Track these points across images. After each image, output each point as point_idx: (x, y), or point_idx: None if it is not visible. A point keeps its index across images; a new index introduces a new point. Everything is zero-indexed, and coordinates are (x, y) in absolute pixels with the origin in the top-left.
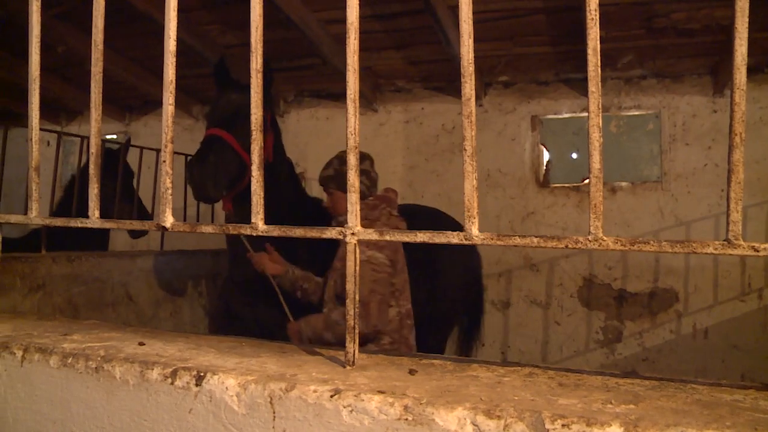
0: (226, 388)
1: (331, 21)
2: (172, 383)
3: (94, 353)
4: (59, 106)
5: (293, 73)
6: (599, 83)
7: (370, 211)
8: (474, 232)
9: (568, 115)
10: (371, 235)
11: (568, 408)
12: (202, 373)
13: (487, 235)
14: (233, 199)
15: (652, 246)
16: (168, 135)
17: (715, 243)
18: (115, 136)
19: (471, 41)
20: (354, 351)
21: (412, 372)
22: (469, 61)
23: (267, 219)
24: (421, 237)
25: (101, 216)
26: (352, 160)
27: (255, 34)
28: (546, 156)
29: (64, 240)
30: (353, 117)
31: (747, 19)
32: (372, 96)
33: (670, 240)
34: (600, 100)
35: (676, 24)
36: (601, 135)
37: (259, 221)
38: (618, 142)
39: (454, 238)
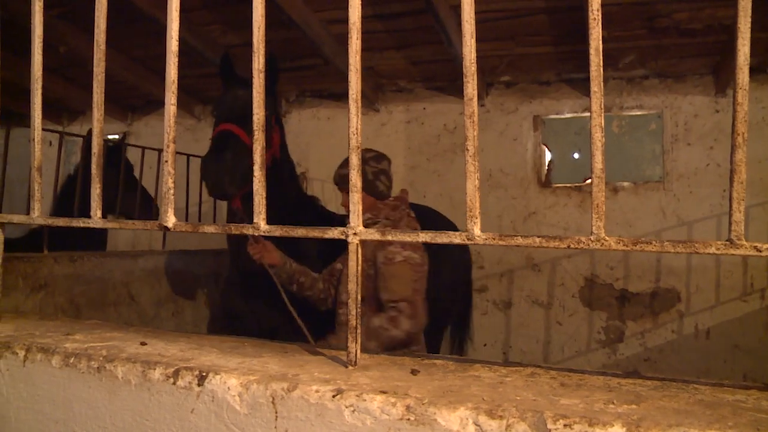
0: (228, 388)
1: (333, 21)
2: (174, 383)
3: (96, 353)
4: (61, 106)
5: (295, 73)
6: (601, 83)
7: (391, 212)
8: (476, 232)
9: (569, 115)
10: (373, 235)
11: (570, 408)
12: (204, 373)
13: (489, 235)
14: (242, 196)
15: (654, 246)
16: (170, 135)
17: (718, 243)
18: (117, 136)
19: (473, 41)
20: (356, 351)
21: (414, 372)
22: (472, 61)
23: (271, 217)
24: (423, 237)
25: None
26: (354, 160)
27: (257, 34)
28: (548, 156)
29: (62, 239)
30: (355, 117)
31: (749, 19)
32: (374, 96)
33: (672, 240)
34: (602, 100)
35: (678, 24)
36: (603, 135)
37: (261, 221)
38: (620, 142)
39: (456, 238)
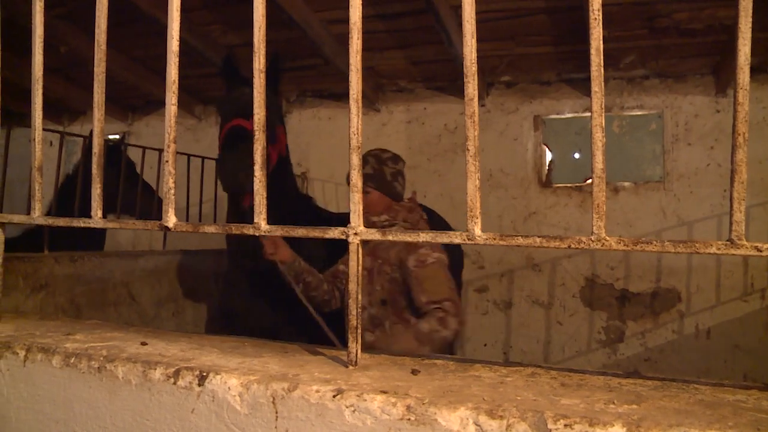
0: (229, 388)
1: (334, 21)
2: (175, 383)
3: (97, 353)
4: (62, 106)
5: (295, 73)
6: (602, 83)
7: (409, 214)
8: (477, 232)
9: (570, 115)
10: (374, 235)
11: (570, 408)
12: (204, 373)
13: (489, 235)
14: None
15: (655, 246)
16: (171, 135)
17: (718, 243)
18: (117, 136)
19: (474, 41)
20: (356, 351)
21: (414, 372)
22: (472, 61)
23: (276, 217)
24: (423, 237)
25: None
26: (355, 159)
27: (258, 35)
28: (548, 156)
29: (58, 238)
30: (356, 117)
31: (750, 19)
32: (374, 96)
33: (673, 240)
34: (603, 100)
35: (678, 24)
36: (604, 135)
37: (261, 221)
38: (620, 142)
39: (457, 238)
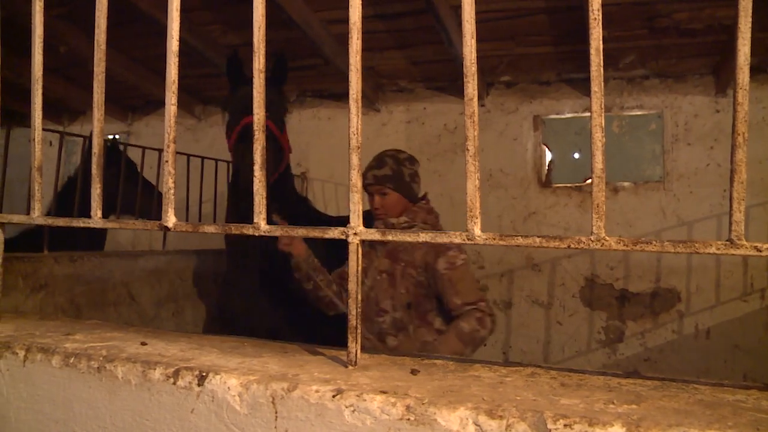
0: (228, 388)
1: (333, 21)
2: (174, 383)
3: (97, 353)
4: (62, 106)
5: (295, 73)
6: (602, 83)
7: (427, 215)
8: (476, 232)
9: (570, 115)
10: (373, 235)
11: (570, 408)
12: (204, 373)
13: (489, 235)
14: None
15: (655, 246)
16: (170, 135)
17: (718, 243)
18: (117, 136)
19: (473, 41)
20: (356, 351)
21: (414, 372)
22: (472, 61)
23: (283, 215)
24: (423, 237)
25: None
26: (354, 160)
27: (257, 34)
28: (548, 156)
29: (59, 239)
30: (356, 117)
31: (750, 19)
32: (374, 96)
33: (673, 240)
34: (602, 100)
35: (678, 24)
36: (604, 135)
37: (261, 221)
38: (620, 142)
39: (456, 238)
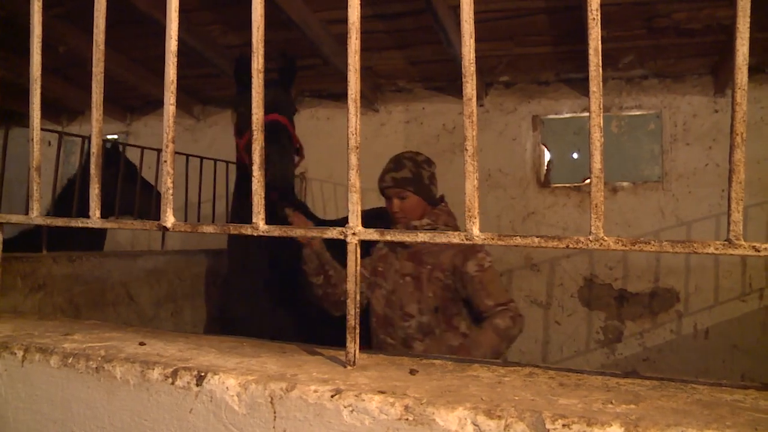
0: (227, 388)
1: (332, 21)
2: (173, 383)
3: (95, 353)
4: (60, 106)
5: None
6: (600, 83)
7: (448, 218)
8: (475, 232)
9: (569, 115)
10: (372, 235)
11: (568, 408)
12: (202, 373)
13: (488, 235)
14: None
15: (653, 246)
16: (169, 135)
17: (716, 243)
18: (116, 137)
19: (472, 41)
20: (354, 351)
21: (412, 372)
22: (471, 61)
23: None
24: (422, 237)
25: (102, 211)
26: (353, 160)
27: (256, 35)
28: (547, 156)
29: (59, 240)
30: (354, 117)
31: (748, 19)
32: (373, 96)
33: (671, 240)
34: (601, 100)
35: (677, 24)
36: (602, 135)
37: (260, 221)
38: (619, 142)
39: (455, 238)
